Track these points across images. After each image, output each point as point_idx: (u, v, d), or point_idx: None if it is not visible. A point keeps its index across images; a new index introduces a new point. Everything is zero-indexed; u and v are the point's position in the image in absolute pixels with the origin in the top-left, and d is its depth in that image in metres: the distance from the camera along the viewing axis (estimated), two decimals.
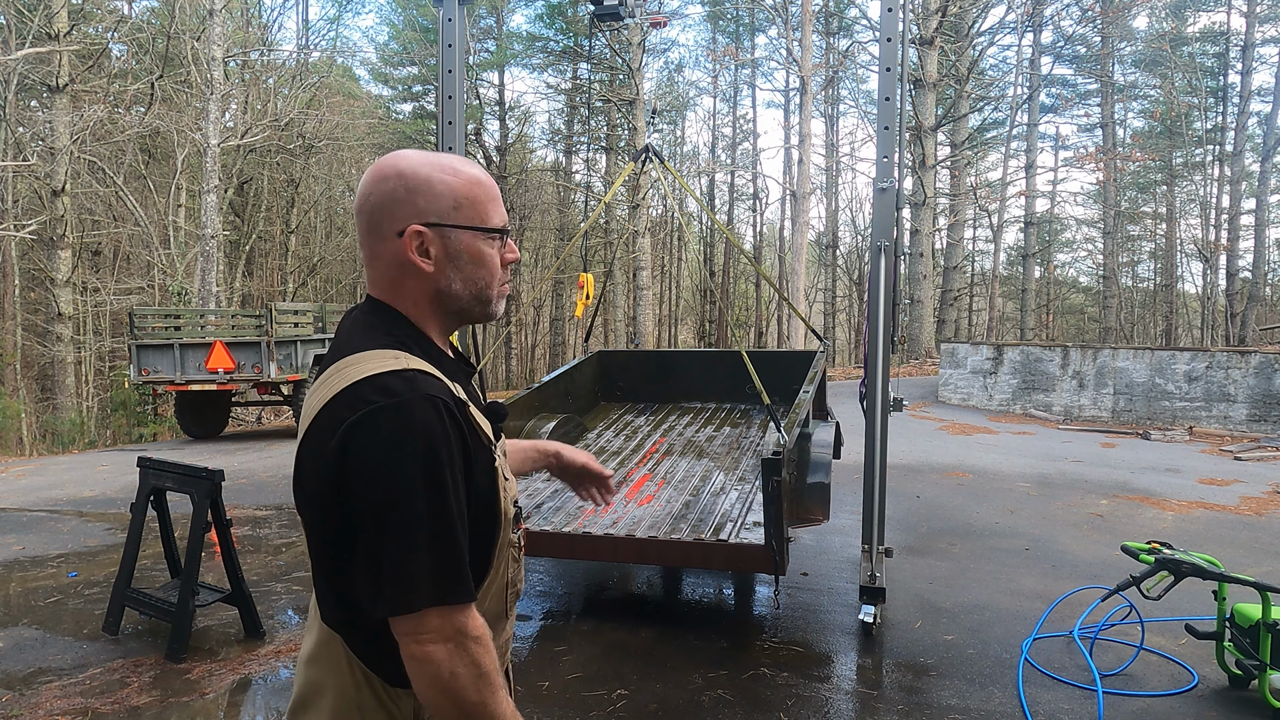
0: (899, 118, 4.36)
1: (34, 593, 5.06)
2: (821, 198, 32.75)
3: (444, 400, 1.16)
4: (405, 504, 1.11)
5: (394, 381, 1.15)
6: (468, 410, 1.22)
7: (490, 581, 1.28)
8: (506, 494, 1.28)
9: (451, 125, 5.01)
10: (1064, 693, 3.69)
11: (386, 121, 27.51)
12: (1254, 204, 24.25)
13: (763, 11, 26.87)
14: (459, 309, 1.30)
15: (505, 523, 1.28)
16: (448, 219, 1.24)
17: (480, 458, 1.22)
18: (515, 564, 1.34)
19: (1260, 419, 12.36)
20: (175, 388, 11.18)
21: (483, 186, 1.28)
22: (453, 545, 1.14)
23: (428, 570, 1.12)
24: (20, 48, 16.71)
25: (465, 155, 5.36)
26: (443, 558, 1.13)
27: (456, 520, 1.14)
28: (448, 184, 1.25)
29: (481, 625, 1.17)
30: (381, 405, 1.13)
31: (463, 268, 1.27)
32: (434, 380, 1.19)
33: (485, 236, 1.27)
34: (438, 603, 1.12)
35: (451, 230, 1.25)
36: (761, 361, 6.49)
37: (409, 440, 1.11)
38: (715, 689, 3.67)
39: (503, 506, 1.27)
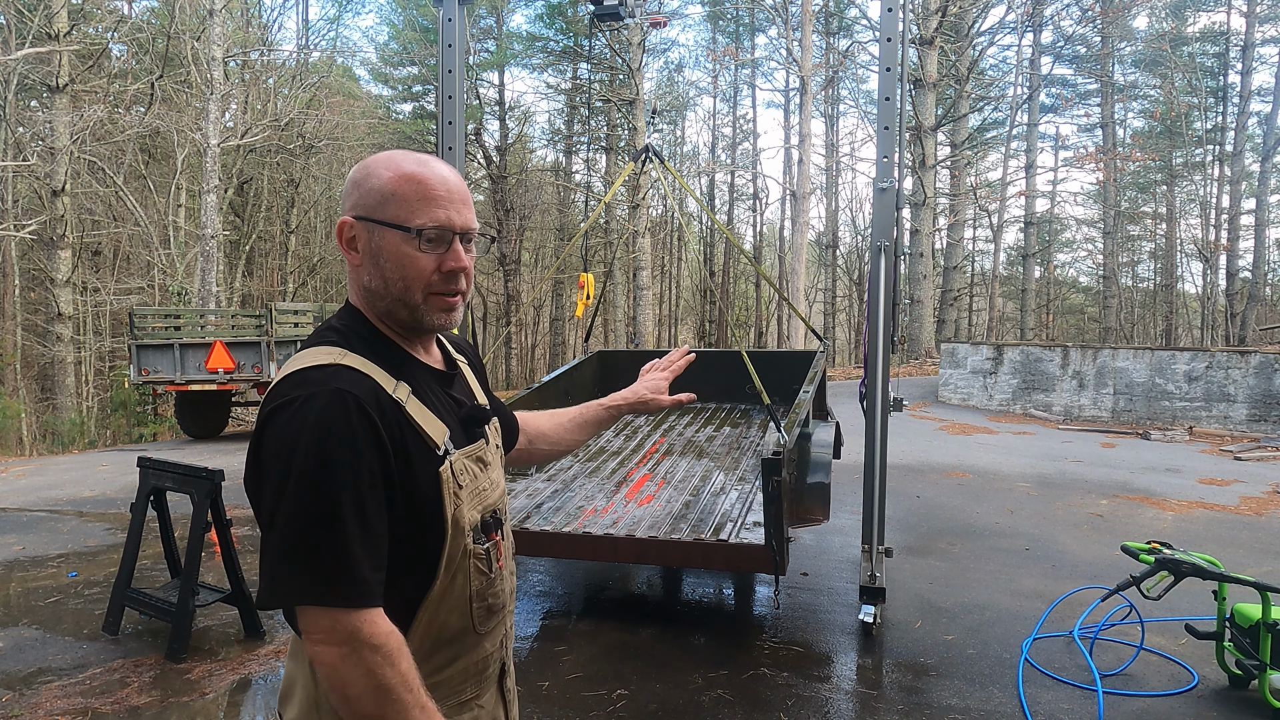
0: (899, 118, 4.36)
1: (34, 593, 5.06)
2: (821, 198, 32.76)
3: (355, 395, 1.12)
4: (290, 497, 1.09)
5: (313, 374, 1.14)
6: (401, 411, 1.17)
7: (443, 593, 1.22)
8: (460, 502, 1.22)
9: (451, 125, 5.01)
10: (1064, 693, 3.69)
11: (386, 121, 27.51)
12: (1254, 204, 24.24)
13: (763, 11, 26.87)
14: (386, 308, 1.25)
15: (458, 532, 1.22)
16: (373, 213, 1.21)
17: (418, 461, 1.18)
18: (481, 577, 1.27)
19: (1260, 419, 12.36)
20: (175, 388, 11.18)
21: (417, 184, 1.21)
22: (338, 542, 1.08)
23: (304, 567, 1.08)
24: (20, 48, 16.71)
25: (465, 155, 5.36)
26: (323, 555, 1.08)
27: (349, 517, 1.09)
28: (382, 179, 1.22)
29: (385, 635, 1.10)
30: (289, 399, 1.12)
31: (381, 266, 1.22)
32: (357, 375, 1.15)
33: (406, 237, 1.20)
34: (315, 601, 1.09)
35: (375, 225, 1.21)
36: (761, 361, 6.49)
37: (302, 434, 1.09)
38: (715, 689, 3.67)
39: (450, 514, 1.20)
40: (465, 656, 1.29)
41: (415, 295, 1.23)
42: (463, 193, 1.25)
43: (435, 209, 1.21)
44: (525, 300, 26.94)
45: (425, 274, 1.22)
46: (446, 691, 1.26)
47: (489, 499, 1.30)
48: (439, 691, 1.24)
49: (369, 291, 1.25)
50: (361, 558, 1.10)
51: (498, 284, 28.84)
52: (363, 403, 1.12)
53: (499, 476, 1.37)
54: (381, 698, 1.09)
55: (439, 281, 1.23)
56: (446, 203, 1.22)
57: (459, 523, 1.22)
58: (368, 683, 1.09)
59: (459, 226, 1.23)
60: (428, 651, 1.23)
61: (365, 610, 1.10)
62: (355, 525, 1.10)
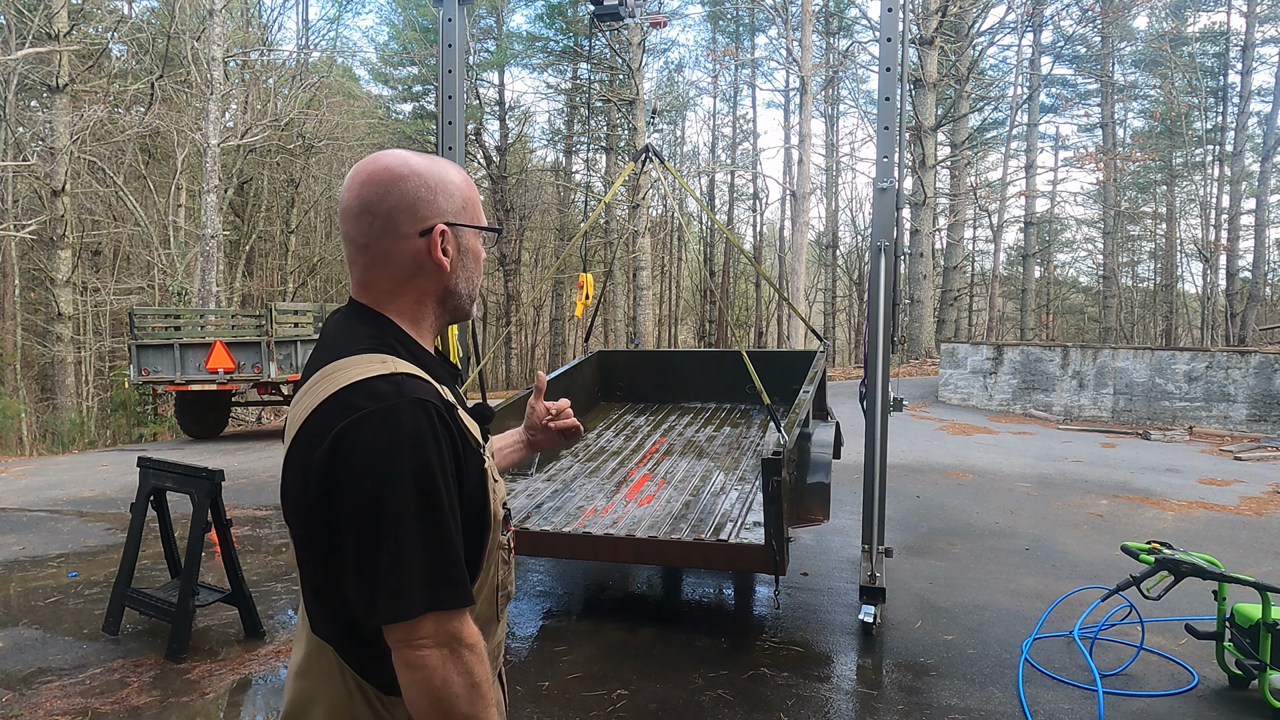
0: (899, 118, 4.37)
1: (34, 593, 5.06)
2: (821, 198, 32.76)
3: (433, 404, 1.14)
4: (398, 510, 1.09)
5: (382, 386, 1.13)
6: (456, 413, 1.20)
7: (481, 584, 1.26)
8: (496, 496, 1.27)
9: (451, 125, 5.01)
10: (1064, 693, 3.69)
11: (386, 121, 27.51)
12: (1254, 204, 24.24)
13: (763, 11, 26.88)
14: (456, 306, 1.31)
15: (495, 525, 1.27)
16: (460, 218, 1.27)
17: (470, 461, 1.21)
18: (505, 567, 1.32)
19: (1260, 419, 12.36)
20: (175, 388, 11.18)
21: (472, 186, 1.32)
22: (448, 549, 1.12)
23: (423, 575, 1.10)
24: (20, 48, 16.71)
25: (465, 155, 5.36)
26: (437, 562, 1.11)
27: (450, 524, 1.13)
28: (457, 184, 1.27)
29: (476, 634, 1.16)
30: (370, 411, 1.11)
31: (468, 266, 1.30)
32: (422, 384, 1.17)
33: (488, 236, 1.32)
34: (433, 608, 1.11)
35: (463, 229, 1.28)
36: (761, 361, 6.49)
37: (399, 445, 1.10)
38: (715, 689, 3.67)
39: (492, 509, 1.26)
40: (488, 643, 1.31)
41: (477, 288, 1.34)
42: None
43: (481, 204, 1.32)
44: (525, 300, 26.95)
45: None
46: None
47: (501, 491, 1.35)
48: None
49: (450, 293, 1.29)
50: (457, 559, 1.15)
51: (498, 284, 28.85)
52: (441, 412, 1.16)
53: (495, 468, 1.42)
54: (476, 695, 1.14)
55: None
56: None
57: (496, 516, 1.27)
58: (465, 681, 1.13)
59: None
60: None
61: (460, 612, 1.15)
62: (454, 530, 1.15)
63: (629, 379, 7.10)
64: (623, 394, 7.08)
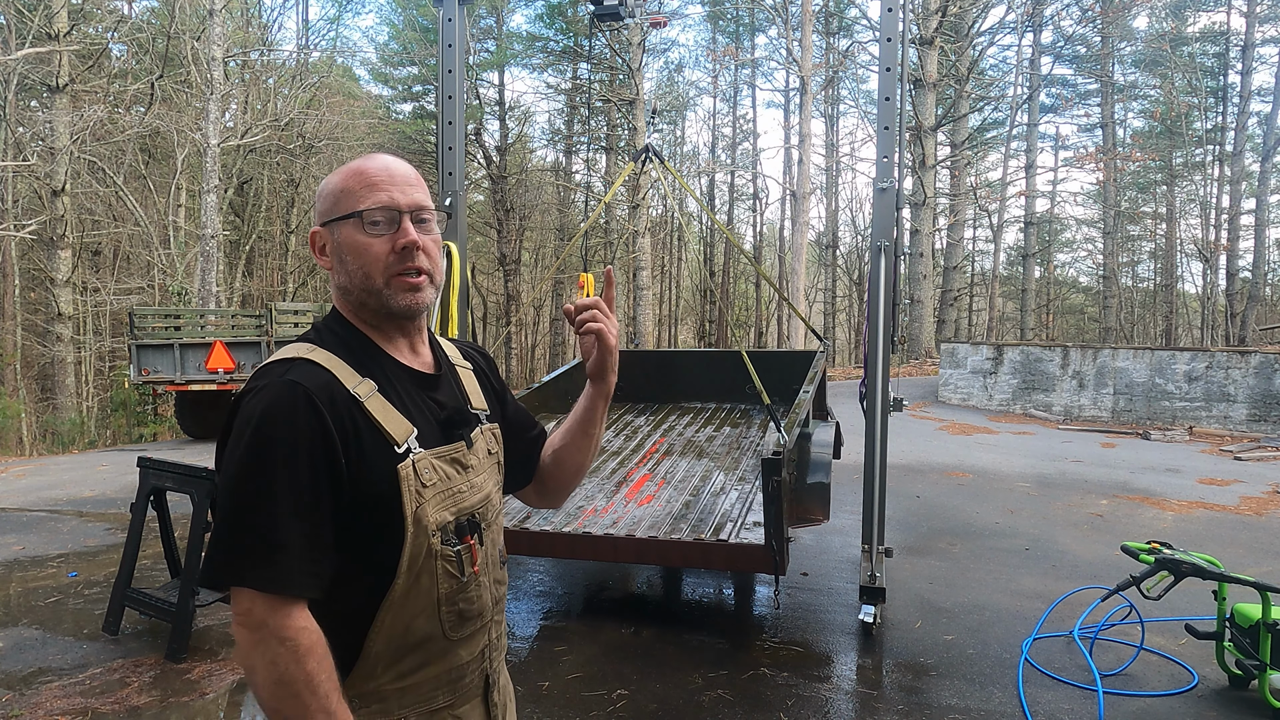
0: (899, 118, 4.37)
1: (34, 593, 5.06)
2: (821, 198, 32.76)
3: (305, 387, 1.15)
4: (233, 480, 1.13)
5: (275, 367, 1.19)
6: (359, 407, 1.19)
7: (406, 593, 1.21)
8: (424, 501, 1.21)
9: (451, 125, 5.01)
10: (1064, 693, 3.69)
11: (386, 121, 27.50)
12: (1254, 204, 24.24)
13: (763, 11, 26.88)
14: (358, 302, 1.28)
15: (419, 531, 1.21)
16: (330, 215, 1.27)
17: (373, 456, 1.18)
18: (451, 580, 1.25)
19: (1260, 419, 12.36)
20: (175, 388, 11.18)
21: (358, 174, 1.26)
22: (264, 527, 1.10)
23: (231, 548, 1.11)
24: (20, 48, 16.71)
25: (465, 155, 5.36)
26: (248, 538, 1.10)
27: (281, 504, 1.11)
28: (332, 183, 1.28)
29: (296, 630, 1.10)
30: (254, 388, 1.18)
31: (345, 261, 1.26)
32: (314, 369, 1.19)
33: (356, 224, 1.24)
34: (237, 582, 1.10)
35: (334, 225, 1.27)
36: (761, 361, 6.48)
37: (250, 422, 1.14)
38: (715, 689, 3.67)
39: (409, 512, 1.19)
40: (436, 663, 1.26)
41: (376, 280, 1.25)
42: (406, 175, 1.28)
43: (378, 193, 1.24)
44: (525, 300, 26.95)
45: (381, 257, 1.25)
46: (415, 698, 1.25)
47: (465, 502, 1.28)
48: (407, 698, 1.24)
49: (342, 291, 1.29)
50: (289, 545, 1.11)
51: (498, 284, 28.84)
52: (312, 395, 1.15)
53: (483, 482, 1.34)
54: (281, 692, 1.09)
55: (395, 261, 1.25)
56: (389, 185, 1.25)
57: (421, 522, 1.21)
58: (269, 674, 1.09)
59: (405, 205, 1.26)
60: (394, 655, 1.22)
61: (282, 600, 1.10)
62: (287, 513, 1.11)
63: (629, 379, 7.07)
64: (622, 394, 7.08)
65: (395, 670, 1.23)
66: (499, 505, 1.41)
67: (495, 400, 1.49)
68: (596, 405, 1.48)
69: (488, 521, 1.33)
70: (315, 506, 1.13)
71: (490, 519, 1.35)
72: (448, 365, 1.41)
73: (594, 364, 1.43)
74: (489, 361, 1.56)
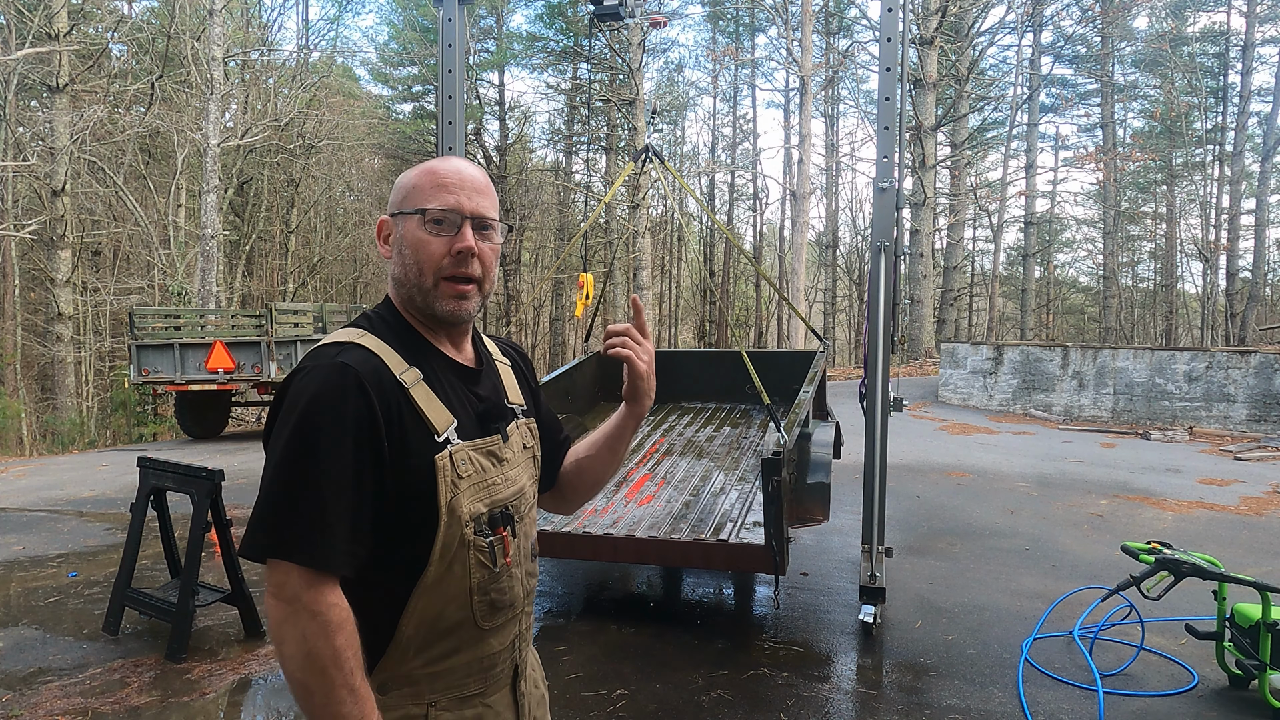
0: (899, 118, 4.37)
1: (34, 593, 5.06)
2: (821, 198, 32.76)
3: (355, 370, 1.18)
4: (278, 455, 1.16)
5: (327, 349, 1.23)
6: (405, 393, 1.22)
7: (438, 580, 1.23)
8: (459, 491, 1.24)
9: (451, 125, 5.01)
10: (1064, 693, 3.69)
11: (386, 121, 27.50)
12: (1254, 204, 24.24)
13: (763, 11, 26.87)
14: (407, 295, 1.32)
15: (453, 520, 1.23)
16: (397, 207, 1.32)
17: (415, 443, 1.21)
18: (483, 570, 1.27)
19: (1260, 419, 12.35)
20: (175, 388, 11.18)
21: (431, 174, 1.30)
22: (312, 500, 1.13)
23: (272, 521, 1.14)
24: (20, 48, 16.70)
25: (465, 155, 5.36)
26: (291, 512, 1.13)
27: (329, 480, 1.14)
28: (407, 177, 1.33)
29: (327, 605, 1.13)
30: (305, 368, 1.21)
31: (403, 253, 1.30)
32: (365, 354, 1.22)
33: (419, 220, 1.28)
34: (273, 554, 1.13)
35: (400, 217, 1.31)
36: (761, 361, 6.48)
37: (300, 401, 1.17)
38: (715, 689, 3.67)
39: (444, 501, 1.22)
40: (467, 650, 1.29)
41: (427, 279, 1.29)
42: (475, 181, 1.31)
43: (445, 194, 1.28)
44: (525, 300, 26.95)
45: (436, 257, 1.28)
46: (447, 684, 1.28)
47: (499, 494, 1.31)
48: (438, 682, 1.26)
49: (396, 282, 1.33)
50: (329, 523, 1.14)
51: (498, 284, 28.78)
52: (362, 378, 1.18)
53: (517, 475, 1.37)
54: (309, 665, 1.12)
55: (449, 264, 1.28)
56: (457, 189, 1.29)
57: (455, 512, 1.24)
58: (299, 647, 1.12)
59: (468, 210, 1.29)
60: (425, 640, 1.25)
61: (318, 575, 1.13)
62: (330, 491, 1.14)
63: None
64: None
65: (426, 655, 1.25)
66: (532, 499, 1.44)
67: (530, 397, 1.53)
68: (626, 426, 1.51)
69: (520, 514, 1.36)
70: (357, 487, 1.16)
71: (523, 512, 1.37)
72: (489, 360, 1.45)
73: (626, 387, 1.46)
74: (525, 359, 1.59)
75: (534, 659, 1.51)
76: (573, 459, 1.60)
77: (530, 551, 1.40)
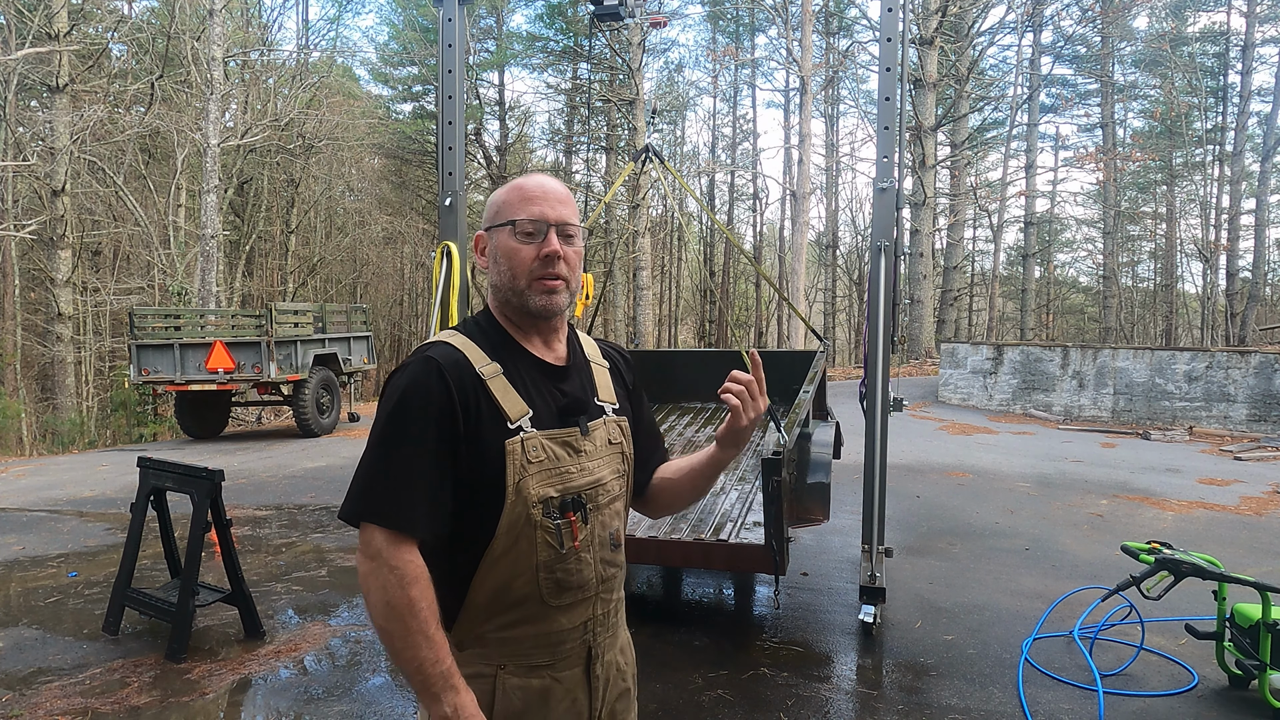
0: (899, 118, 4.37)
1: (34, 593, 5.06)
2: (821, 198, 32.76)
3: (438, 362, 1.36)
4: (374, 434, 1.35)
5: (421, 347, 1.42)
6: (482, 384, 1.37)
7: (504, 554, 1.36)
8: (527, 475, 1.36)
9: (451, 125, 5.01)
10: (1064, 693, 3.69)
11: (386, 121, 27.49)
12: (1254, 204, 24.23)
13: (763, 11, 26.87)
14: (503, 299, 1.47)
15: (519, 500, 1.35)
16: (491, 222, 1.48)
17: (489, 428, 1.35)
18: (549, 550, 1.38)
19: (1260, 419, 12.36)
20: (175, 388, 11.18)
21: (518, 190, 1.45)
22: (398, 473, 1.31)
23: (365, 487, 1.33)
24: (20, 48, 16.70)
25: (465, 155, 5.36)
26: (382, 481, 1.32)
27: (412, 456, 1.32)
28: (498, 196, 1.48)
29: (405, 561, 1.30)
30: (401, 364, 1.41)
31: (498, 262, 1.46)
32: (450, 349, 1.40)
33: (510, 231, 1.43)
34: (363, 517, 1.32)
35: (494, 230, 1.47)
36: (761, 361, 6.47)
37: (395, 386, 1.37)
38: (715, 689, 3.67)
39: (511, 482, 1.35)
40: (533, 624, 1.40)
41: (520, 281, 1.43)
42: (558, 194, 1.46)
43: (531, 206, 1.43)
44: None
45: (527, 262, 1.43)
46: (514, 651, 1.40)
47: (572, 482, 1.41)
48: (507, 648, 1.40)
49: (494, 288, 1.49)
50: (411, 491, 1.31)
51: None
52: (443, 368, 1.36)
53: (596, 467, 1.46)
54: (389, 614, 1.29)
55: (539, 267, 1.42)
56: (541, 200, 1.44)
57: (522, 492, 1.36)
58: (380, 597, 1.30)
59: (553, 219, 1.43)
60: (494, 607, 1.39)
61: (398, 535, 1.31)
62: (416, 463, 1.32)
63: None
64: None
65: (497, 621, 1.39)
66: (616, 492, 1.51)
67: (627, 400, 1.62)
68: (715, 466, 1.57)
69: (596, 504, 1.45)
70: (436, 461, 1.33)
71: (600, 502, 1.46)
72: (582, 361, 1.56)
73: (723, 432, 1.51)
74: (628, 363, 1.68)
75: (625, 654, 1.62)
76: (661, 476, 1.67)
77: (609, 541, 1.48)
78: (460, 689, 1.32)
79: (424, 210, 28.38)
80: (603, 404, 1.52)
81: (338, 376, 12.58)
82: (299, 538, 6.35)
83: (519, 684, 1.39)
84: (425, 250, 27.40)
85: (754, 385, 1.48)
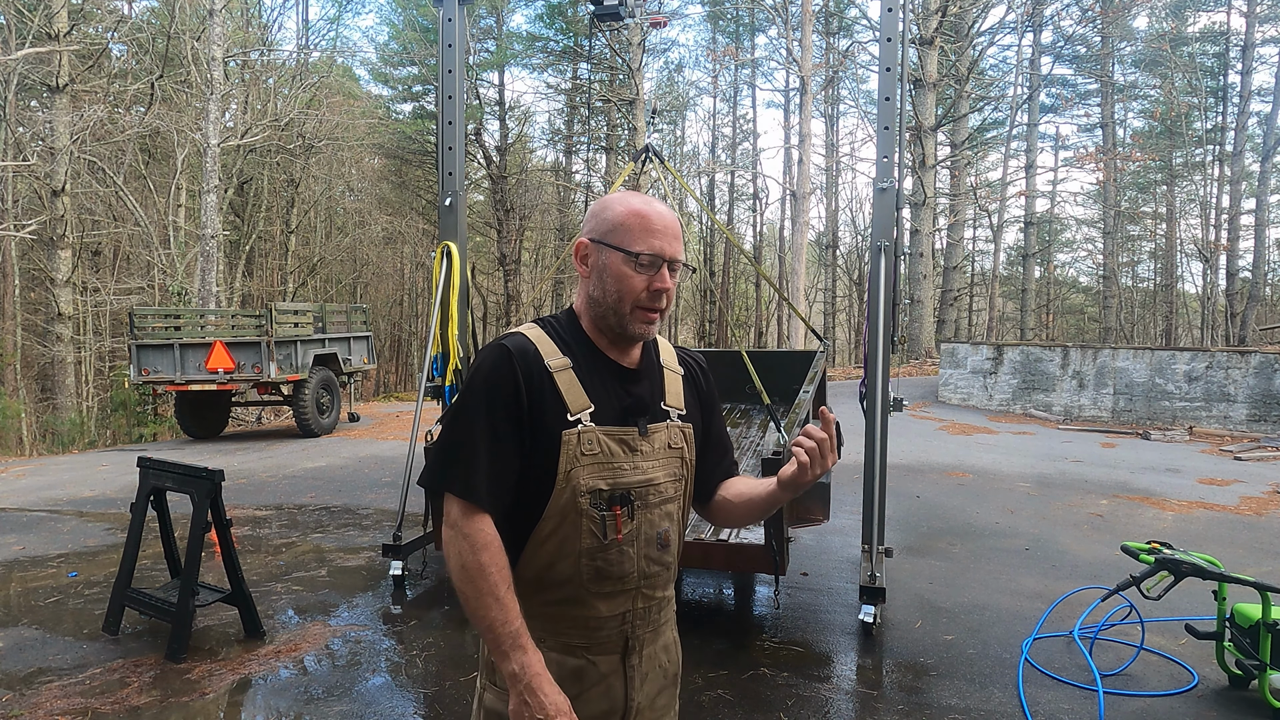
0: (899, 118, 4.37)
1: (34, 593, 5.06)
2: (821, 198, 32.76)
3: (510, 350, 1.45)
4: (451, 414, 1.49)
5: (499, 337, 1.51)
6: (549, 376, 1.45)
7: (549, 535, 1.45)
8: (578, 465, 1.44)
9: (451, 125, 5.01)
10: (1064, 693, 3.69)
11: (386, 121, 27.49)
12: (1254, 204, 24.24)
13: (763, 11, 26.88)
14: (599, 313, 1.52)
15: (567, 487, 1.43)
16: (604, 238, 1.51)
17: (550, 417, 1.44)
18: (592, 538, 1.45)
19: (1260, 419, 12.36)
20: (175, 388, 11.18)
21: (641, 218, 1.49)
22: (468, 448, 1.43)
23: (445, 462, 1.45)
24: (20, 48, 16.71)
25: (465, 155, 5.36)
26: (455, 455, 1.44)
27: (480, 434, 1.43)
28: (615, 211, 1.51)
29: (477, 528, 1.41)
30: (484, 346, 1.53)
31: (604, 280, 1.50)
32: (523, 340, 1.49)
33: (627, 259, 1.47)
34: (439, 488, 1.45)
35: (605, 247, 1.50)
36: (761, 361, 6.48)
37: (471, 375, 1.50)
38: (715, 689, 3.67)
39: (562, 470, 1.43)
40: (571, 606, 1.48)
41: (625, 306, 1.49)
42: (676, 229, 1.51)
43: (653, 239, 1.48)
44: (525, 300, 26.94)
45: (636, 291, 1.49)
46: (553, 628, 1.49)
47: (624, 478, 1.48)
48: (545, 624, 1.48)
49: (591, 299, 1.53)
50: (479, 465, 1.42)
51: (497, 284, 28.83)
52: (512, 355, 1.45)
53: (651, 467, 1.52)
54: (463, 575, 1.40)
55: (646, 299, 1.49)
56: (662, 235, 1.49)
57: (572, 481, 1.44)
58: (456, 561, 1.41)
59: (669, 255, 1.49)
60: (535, 582, 1.48)
61: (471, 506, 1.41)
62: (482, 440, 1.42)
63: None
64: None
65: (543, 597, 1.48)
66: (670, 494, 1.56)
67: (699, 408, 1.67)
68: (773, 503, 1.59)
69: (645, 502, 1.51)
70: (503, 440, 1.43)
71: (650, 501, 1.52)
72: (655, 366, 1.61)
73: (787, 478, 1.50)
74: (704, 372, 1.73)
75: (669, 653, 1.64)
76: (723, 495, 1.69)
77: (656, 540, 1.53)
78: (528, 649, 1.40)
79: (424, 210, 28.39)
80: (669, 409, 1.58)
81: (338, 376, 12.59)
82: (299, 538, 6.35)
83: (556, 659, 1.47)
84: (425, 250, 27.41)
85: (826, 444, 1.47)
